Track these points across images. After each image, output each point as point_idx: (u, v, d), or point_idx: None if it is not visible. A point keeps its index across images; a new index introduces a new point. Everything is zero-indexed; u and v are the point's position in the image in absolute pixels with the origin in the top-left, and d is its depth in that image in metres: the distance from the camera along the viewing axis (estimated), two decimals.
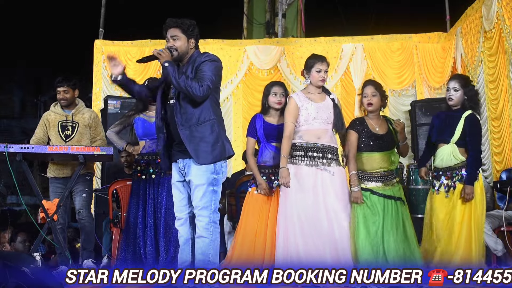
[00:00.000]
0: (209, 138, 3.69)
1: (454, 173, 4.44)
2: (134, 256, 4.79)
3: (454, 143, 4.45)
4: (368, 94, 4.59)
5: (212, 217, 3.71)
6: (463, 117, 4.45)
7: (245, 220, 4.57)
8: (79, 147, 4.87)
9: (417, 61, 8.43)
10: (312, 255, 4.23)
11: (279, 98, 4.66)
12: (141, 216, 4.84)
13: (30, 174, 4.87)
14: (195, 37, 3.82)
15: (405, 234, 4.44)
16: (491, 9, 6.48)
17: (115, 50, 8.70)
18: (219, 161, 3.73)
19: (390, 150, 4.58)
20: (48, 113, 5.41)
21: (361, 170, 4.54)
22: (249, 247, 4.48)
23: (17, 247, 6.59)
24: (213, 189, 3.71)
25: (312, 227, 4.33)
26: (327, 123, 4.51)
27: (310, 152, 4.44)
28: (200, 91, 3.60)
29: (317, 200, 4.37)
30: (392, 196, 4.50)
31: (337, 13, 10.68)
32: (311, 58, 4.59)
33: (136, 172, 4.95)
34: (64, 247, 5.03)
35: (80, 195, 5.27)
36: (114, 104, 7.51)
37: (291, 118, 4.48)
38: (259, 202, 4.58)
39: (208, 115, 3.71)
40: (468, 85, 4.55)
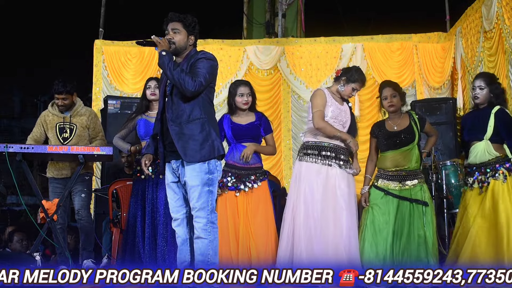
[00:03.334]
0: (198, 137, 3.65)
1: (488, 169, 4.41)
2: (134, 256, 4.79)
3: (488, 139, 4.42)
4: (388, 96, 4.59)
5: (210, 217, 3.68)
6: (493, 113, 4.42)
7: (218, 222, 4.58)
8: (79, 147, 4.86)
9: (417, 61, 8.43)
10: (315, 257, 4.21)
11: (246, 99, 4.65)
12: (140, 216, 4.84)
13: (30, 174, 4.87)
14: (195, 35, 3.81)
15: (421, 237, 4.40)
16: (491, 9, 6.48)
17: (115, 50, 8.71)
18: (211, 160, 3.68)
19: (407, 146, 4.54)
20: (46, 114, 5.39)
21: (380, 168, 4.62)
22: (226, 249, 4.48)
23: (14, 247, 6.58)
24: (209, 189, 3.67)
25: (318, 227, 4.31)
26: (343, 127, 4.52)
27: (324, 151, 4.43)
28: (192, 86, 3.57)
29: (326, 200, 4.36)
30: (408, 198, 4.47)
31: (337, 13, 10.67)
32: (359, 75, 4.54)
33: (136, 172, 4.95)
34: (64, 247, 5.02)
35: (79, 195, 5.26)
36: (114, 104, 7.50)
37: (320, 106, 4.44)
38: (226, 202, 4.60)
39: (199, 113, 3.67)
40: (494, 82, 4.52)
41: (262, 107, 6.98)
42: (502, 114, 4.43)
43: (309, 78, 8.59)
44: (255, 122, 4.69)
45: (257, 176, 4.65)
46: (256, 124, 4.69)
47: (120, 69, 8.68)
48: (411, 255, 4.38)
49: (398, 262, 4.30)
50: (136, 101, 7.56)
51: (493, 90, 4.48)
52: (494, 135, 4.42)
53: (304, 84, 8.59)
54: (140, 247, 4.78)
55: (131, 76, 8.70)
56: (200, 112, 3.68)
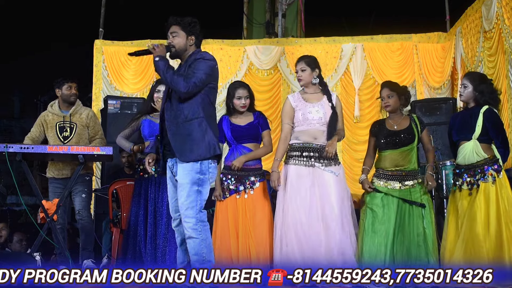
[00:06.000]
0: (194, 136, 3.65)
1: (476, 171, 4.39)
2: (134, 256, 4.79)
3: (476, 139, 4.40)
4: (384, 96, 4.63)
5: (199, 216, 3.65)
6: (481, 112, 4.40)
7: (220, 226, 4.58)
8: (79, 147, 4.87)
9: (417, 61, 8.42)
10: (308, 258, 4.22)
11: (244, 102, 4.65)
12: (142, 215, 4.85)
13: (30, 174, 4.87)
14: (196, 34, 3.81)
15: (421, 237, 4.40)
16: (491, 9, 6.48)
17: (115, 50, 8.72)
18: (205, 161, 3.67)
19: (407, 146, 4.55)
20: (46, 114, 5.41)
21: (378, 167, 4.62)
22: (226, 250, 4.49)
23: (14, 247, 6.58)
24: (198, 189, 3.64)
25: (307, 229, 4.32)
26: (322, 124, 4.50)
27: (306, 152, 4.45)
28: (184, 87, 3.59)
29: (314, 201, 4.37)
30: (407, 200, 4.48)
31: (337, 13, 10.68)
32: None
33: (138, 171, 4.96)
34: (64, 247, 5.02)
35: (80, 195, 5.27)
36: (114, 104, 7.51)
37: (287, 120, 4.51)
38: (227, 205, 4.60)
39: (196, 113, 3.67)
40: (482, 82, 4.49)
41: (262, 107, 6.99)
42: (490, 113, 4.40)
43: None
44: (254, 122, 4.70)
45: (256, 177, 4.66)
46: (255, 123, 4.70)
47: (120, 69, 8.68)
48: (411, 255, 4.38)
49: (398, 262, 4.30)
50: (136, 101, 7.59)
51: (476, 87, 4.44)
52: (482, 135, 4.38)
53: None
54: (141, 247, 4.79)
55: (131, 76, 8.70)
56: (197, 111, 3.68)
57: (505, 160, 4.45)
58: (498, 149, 4.41)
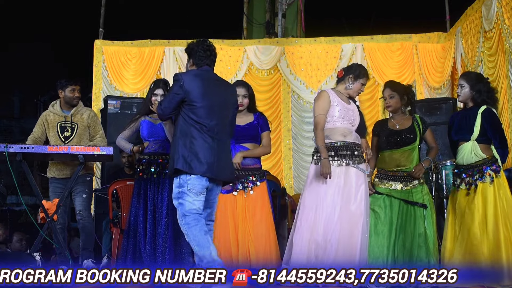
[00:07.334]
0: (172, 153, 3.98)
1: (475, 171, 4.38)
2: (134, 256, 4.79)
3: (475, 140, 4.40)
4: (386, 96, 4.66)
5: (183, 223, 3.87)
6: (479, 113, 4.39)
7: (219, 225, 4.53)
8: (79, 147, 4.87)
9: (417, 61, 8.44)
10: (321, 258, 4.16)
11: (241, 100, 4.62)
12: (142, 216, 4.84)
13: (30, 174, 4.87)
14: (194, 57, 4.09)
15: (421, 237, 4.40)
16: (491, 9, 6.49)
17: (115, 50, 8.71)
18: (182, 175, 3.90)
19: (409, 146, 4.56)
20: (47, 113, 5.41)
21: (380, 168, 4.63)
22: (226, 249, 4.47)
23: (14, 246, 6.59)
24: (178, 202, 3.92)
25: (327, 228, 4.21)
26: (352, 125, 4.41)
27: (340, 151, 4.31)
28: (158, 111, 4.10)
29: (347, 200, 4.25)
30: (408, 201, 4.48)
31: (337, 13, 10.69)
32: (363, 69, 4.54)
33: (138, 171, 4.95)
34: (64, 247, 5.03)
35: (80, 195, 5.28)
36: (114, 104, 7.51)
37: (323, 111, 4.35)
38: (225, 203, 4.58)
39: (177, 131, 3.98)
40: (479, 81, 4.48)
41: (262, 107, 6.99)
42: (488, 114, 4.40)
43: (309, 78, 8.60)
44: (254, 122, 4.69)
45: (256, 176, 4.65)
46: (255, 124, 4.69)
47: (120, 69, 8.68)
48: (411, 255, 4.38)
49: (399, 262, 4.30)
50: (136, 101, 7.59)
51: (473, 87, 4.44)
52: (481, 136, 4.39)
53: (304, 84, 8.60)
54: (141, 247, 4.79)
55: (131, 76, 8.70)
56: (177, 130, 3.98)
57: (504, 160, 4.45)
58: (497, 149, 4.41)
